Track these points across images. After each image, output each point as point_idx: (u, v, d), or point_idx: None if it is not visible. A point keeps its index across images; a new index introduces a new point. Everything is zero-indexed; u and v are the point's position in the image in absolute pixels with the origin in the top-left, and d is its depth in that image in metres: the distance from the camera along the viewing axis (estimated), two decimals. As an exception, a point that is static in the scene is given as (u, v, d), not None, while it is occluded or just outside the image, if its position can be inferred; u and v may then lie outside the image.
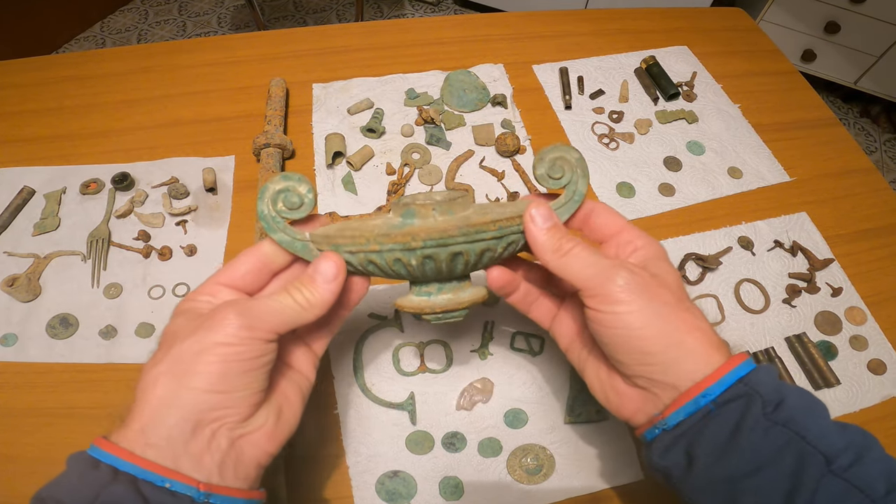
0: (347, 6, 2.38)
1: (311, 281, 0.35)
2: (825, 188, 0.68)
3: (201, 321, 0.32)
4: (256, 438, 0.33)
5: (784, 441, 0.31)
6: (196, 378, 0.30)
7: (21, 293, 0.54)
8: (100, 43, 2.18)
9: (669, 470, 0.34)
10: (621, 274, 0.34)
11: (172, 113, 0.71)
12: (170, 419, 0.30)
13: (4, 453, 0.46)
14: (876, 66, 1.90)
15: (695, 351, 0.33)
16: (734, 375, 0.32)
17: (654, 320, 0.33)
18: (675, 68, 0.80)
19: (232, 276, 0.36)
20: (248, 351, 0.31)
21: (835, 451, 0.30)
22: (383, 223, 0.36)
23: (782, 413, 0.31)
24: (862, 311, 0.57)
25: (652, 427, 0.35)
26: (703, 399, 0.32)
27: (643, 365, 0.34)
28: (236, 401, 0.32)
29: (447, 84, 0.74)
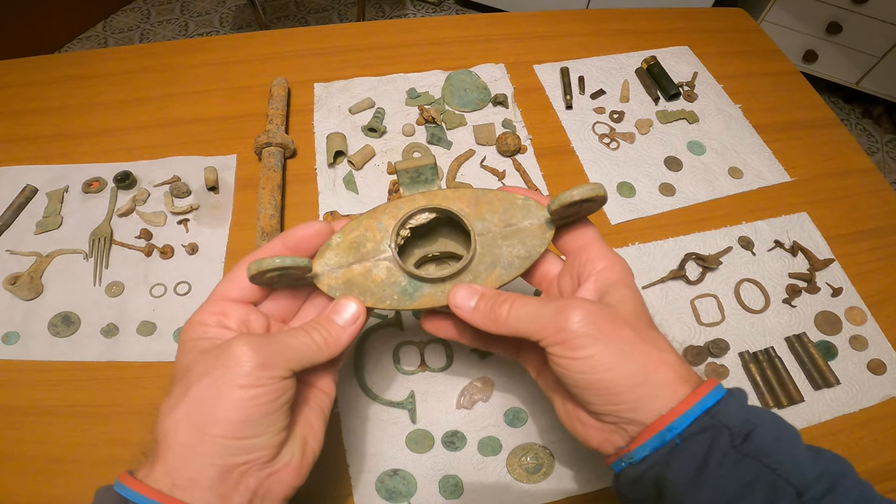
0: (349, 6, 2.38)
1: (330, 322, 0.35)
2: (826, 188, 0.68)
3: (215, 357, 0.31)
4: (284, 475, 0.33)
5: (754, 474, 0.30)
6: (217, 426, 0.29)
7: (23, 291, 0.54)
8: (102, 42, 2.18)
9: (640, 501, 0.34)
10: (573, 318, 0.32)
11: (174, 112, 0.71)
12: (195, 464, 0.29)
13: (6, 451, 0.47)
14: (878, 66, 1.90)
15: (662, 386, 0.32)
16: (700, 407, 0.31)
17: (617, 361, 0.32)
18: (676, 68, 0.80)
19: (233, 288, 0.35)
20: (266, 392, 0.30)
21: (807, 481, 0.29)
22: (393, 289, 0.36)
23: (752, 444, 0.30)
24: (862, 312, 0.57)
25: (618, 460, 0.34)
26: (669, 433, 0.31)
27: (611, 405, 0.33)
28: (261, 444, 0.31)
29: (448, 84, 0.74)
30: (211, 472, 0.29)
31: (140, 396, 0.50)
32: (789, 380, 0.52)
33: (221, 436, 0.29)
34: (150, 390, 0.50)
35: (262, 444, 0.31)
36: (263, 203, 0.58)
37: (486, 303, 0.35)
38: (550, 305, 0.33)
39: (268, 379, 0.30)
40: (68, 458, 0.46)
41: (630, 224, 0.63)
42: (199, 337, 0.34)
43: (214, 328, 0.34)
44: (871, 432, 0.50)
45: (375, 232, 0.37)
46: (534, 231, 0.37)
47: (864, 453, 0.49)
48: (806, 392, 0.52)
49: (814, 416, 0.51)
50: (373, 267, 0.37)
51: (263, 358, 0.30)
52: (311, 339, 0.33)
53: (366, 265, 0.36)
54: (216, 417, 0.29)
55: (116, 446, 0.47)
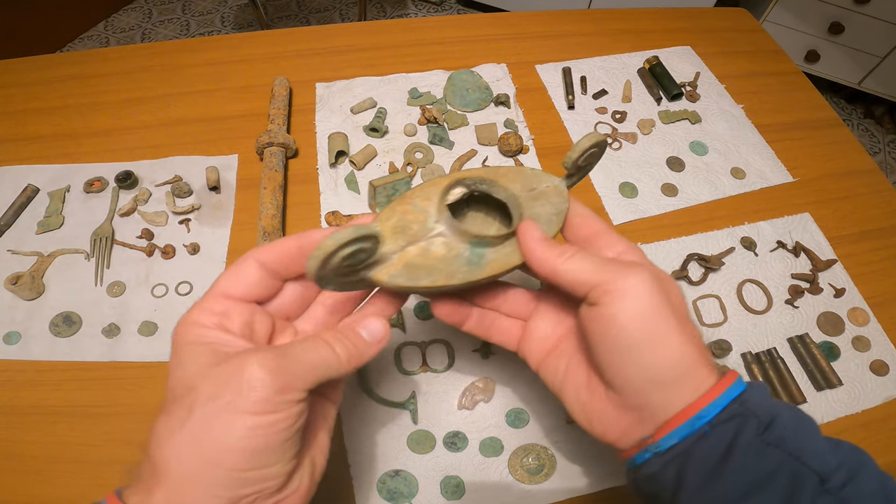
0: (350, 6, 2.38)
1: (356, 335, 0.32)
2: (828, 189, 0.68)
3: (226, 378, 0.27)
4: (292, 501, 0.30)
5: (777, 462, 0.29)
6: (226, 457, 0.26)
7: (25, 291, 0.54)
8: (104, 42, 2.18)
9: (658, 493, 0.32)
10: (637, 269, 0.32)
11: (176, 112, 0.71)
12: (197, 496, 0.26)
13: (7, 451, 0.47)
14: (880, 66, 1.90)
15: (696, 369, 0.31)
16: (729, 395, 0.31)
17: (666, 327, 0.31)
18: (678, 68, 0.80)
19: (238, 285, 0.32)
20: (282, 419, 0.27)
21: (829, 469, 0.29)
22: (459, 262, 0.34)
23: (774, 433, 0.30)
24: (864, 312, 0.57)
25: (642, 451, 0.32)
26: (699, 421, 0.30)
27: (647, 381, 0.31)
28: (271, 474, 0.28)
29: (450, 84, 0.74)
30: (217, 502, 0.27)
31: (141, 397, 0.50)
32: (792, 381, 0.52)
33: (230, 468, 0.27)
34: (152, 390, 0.50)
35: (273, 473, 0.28)
36: (265, 203, 0.58)
37: (552, 243, 0.34)
38: (612, 261, 0.33)
39: (285, 404, 0.28)
40: (69, 459, 0.46)
41: (632, 224, 0.63)
42: (195, 342, 0.30)
43: (214, 331, 0.30)
44: (873, 433, 0.50)
45: (415, 214, 0.35)
46: (554, 191, 0.37)
47: (867, 454, 0.49)
48: (808, 393, 0.52)
49: (816, 416, 0.51)
50: (429, 245, 0.34)
51: (281, 381, 0.27)
52: (333, 353, 0.31)
53: (420, 245, 0.34)
54: (226, 447, 0.26)
55: (118, 446, 0.47)
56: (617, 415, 0.33)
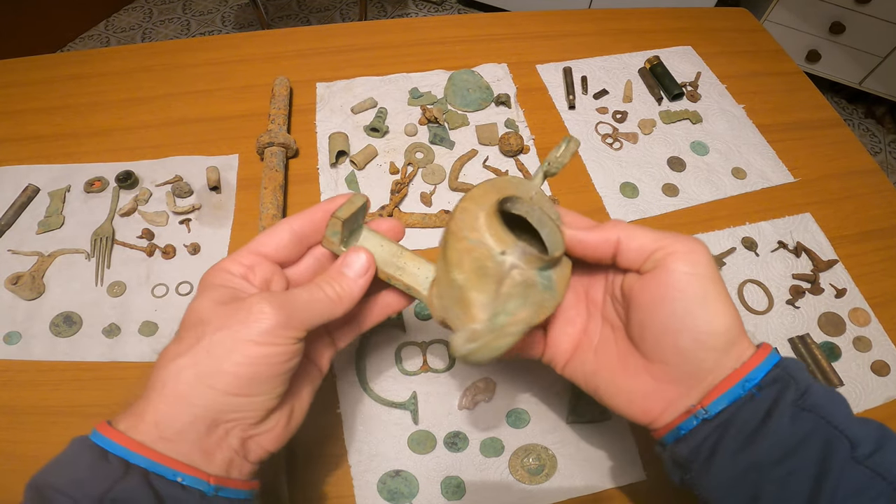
0: (351, 5, 2.38)
1: (339, 275, 0.34)
2: (829, 189, 0.68)
3: (234, 310, 0.31)
4: (264, 439, 0.33)
5: (811, 427, 0.30)
6: (221, 378, 0.29)
7: (25, 291, 0.54)
8: (104, 41, 2.18)
9: (691, 465, 0.33)
10: (685, 241, 0.33)
11: (176, 112, 0.71)
12: (186, 416, 0.29)
13: (7, 451, 0.46)
14: (881, 66, 1.90)
15: (741, 335, 0.33)
16: (772, 360, 0.32)
17: (720, 292, 0.33)
18: (679, 68, 0.80)
19: (268, 245, 0.35)
20: (279, 353, 0.30)
21: (858, 437, 0.30)
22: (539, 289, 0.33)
23: (810, 399, 0.31)
24: (866, 313, 0.57)
25: (690, 418, 0.33)
26: (748, 383, 0.31)
27: (701, 347, 0.32)
28: (256, 405, 0.31)
29: (451, 83, 0.74)
30: (200, 426, 0.29)
31: (142, 396, 0.49)
32: (793, 381, 0.52)
33: (223, 389, 0.29)
34: (152, 390, 0.50)
35: (258, 404, 0.31)
36: (265, 203, 0.58)
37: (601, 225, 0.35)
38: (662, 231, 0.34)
39: (284, 339, 0.30)
40: (70, 459, 0.46)
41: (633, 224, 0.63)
42: (220, 283, 0.33)
43: (238, 279, 0.34)
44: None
45: (479, 250, 0.33)
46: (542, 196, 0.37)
47: (868, 455, 0.49)
48: (809, 393, 0.52)
49: (817, 417, 0.51)
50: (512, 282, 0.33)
51: (283, 317, 0.30)
52: (324, 295, 0.33)
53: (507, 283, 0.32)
54: (223, 370, 0.29)
55: (118, 446, 0.47)
56: (661, 389, 0.34)
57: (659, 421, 0.35)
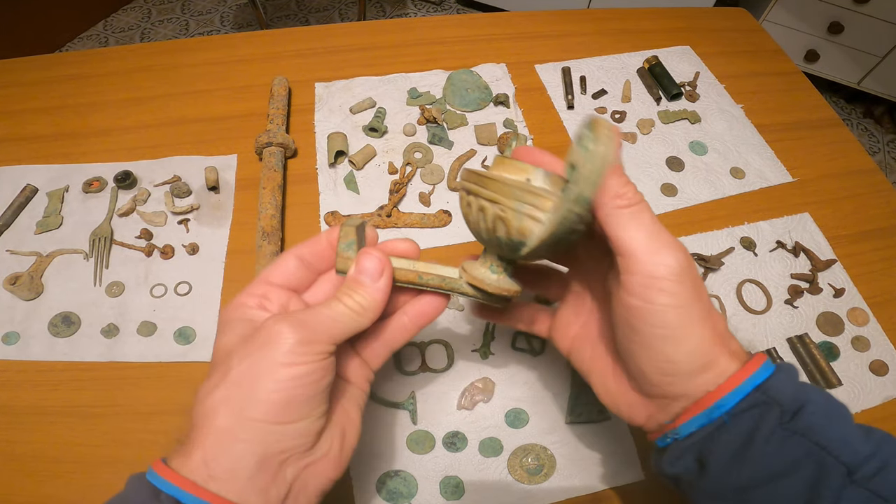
0: (350, 5, 2.38)
1: (358, 284, 0.33)
2: (828, 189, 0.68)
3: (254, 338, 0.30)
4: (322, 467, 0.32)
5: (802, 452, 0.29)
6: (258, 408, 0.29)
7: (23, 291, 0.54)
8: (103, 41, 2.18)
9: (680, 476, 0.33)
10: (675, 256, 0.30)
11: (175, 112, 0.71)
12: (234, 452, 0.28)
13: (6, 451, 0.46)
14: (879, 66, 1.90)
15: (716, 362, 0.31)
16: (751, 384, 0.30)
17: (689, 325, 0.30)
18: (677, 68, 0.80)
19: (276, 274, 0.35)
20: (310, 371, 0.30)
21: (858, 459, 0.28)
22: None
23: (801, 422, 0.29)
24: (864, 312, 0.57)
25: (662, 436, 0.33)
26: (717, 411, 0.30)
27: (665, 375, 0.31)
28: (302, 430, 0.30)
29: (449, 83, 0.74)
30: (250, 461, 0.29)
31: (140, 397, 0.49)
32: (791, 381, 0.52)
33: (262, 419, 0.29)
34: (151, 391, 0.50)
35: (303, 429, 0.30)
36: (264, 203, 0.58)
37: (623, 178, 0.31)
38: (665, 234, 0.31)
39: (311, 355, 0.30)
40: (68, 459, 0.46)
41: (631, 224, 0.63)
42: (238, 318, 0.33)
43: (255, 310, 0.33)
44: (873, 434, 0.50)
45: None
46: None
47: (867, 455, 0.49)
48: (808, 393, 0.52)
49: (816, 417, 0.51)
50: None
51: (304, 334, 0.30)
52: (344, 307, 0.32)
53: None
54: (258, 399, 0.29)
55: (117, 447, 0.47)
56: (641, 401, 0.34)
57: (644, 427, 0.35)
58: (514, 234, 0.32)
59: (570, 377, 0.51)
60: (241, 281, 0.56)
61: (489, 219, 0.32)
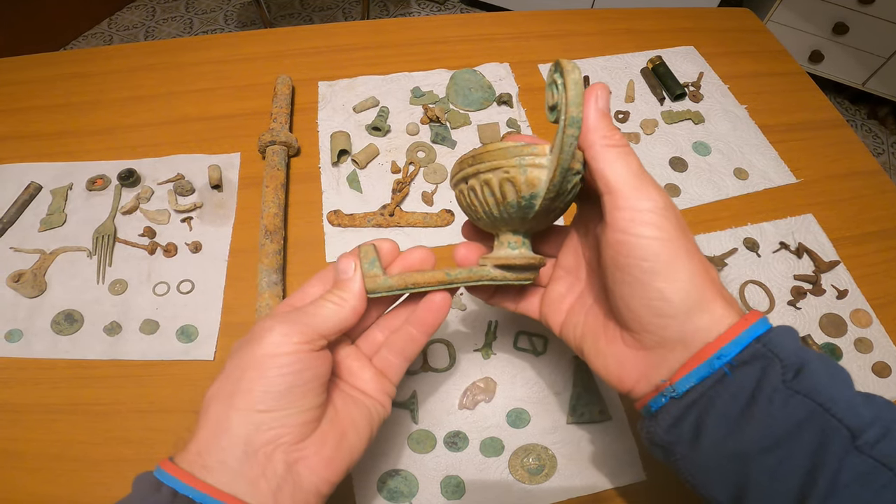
0: (353, 4, 2.38)
1: (338, 281, 0.35)
2: (831, 190, 0.67)
3: (248, 336, 0.32)
4: (314, 464, 0.32)
5: (805, 413, 0.28)
6: (242, 397, 0.30)
7: (27, 289, 0.54)
8: (107, 40, 2.19)
9: (673, 446, 0.31)
10: (659, 194, 0.31)
11: (178, 110, 0.71)
12: (222, 442, 0.29)
13: (9, 449, 0.47)
14: (884, 67, 1.90)
15: (712, 304, 0.30)
16: (751, 334, 0.29)
17: (678, 259, 0.30)
18: (681, 68, 0.80)
19: (304, 298, 0.36)
20: (295, 361, 0.30)
21: (861, 424, 0.27)
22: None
23: (804, 381, 0.28)
24: (867, 314, 0.57)
25: (658, 395, 0.31)
26: (718, 361, 0.29)
27: (659, 316, 0.31)
28: (286, 419, 0.30)
29: (453, 83, 0.74)
30: (237, 450, 0.29)
31: (142, 395, 0.50)
32: (794, 382, 0.52)
33: (247, 408, 0.30)
34: (153, 389, 0.50)
35: (287, 418, 0.30)
36: (267, 201, 0.58)
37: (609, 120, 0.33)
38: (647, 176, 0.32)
39: (295, 346, 0.31)
40: (70, 457, 0.46)
41: (634, 225, 0.62)
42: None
43: None
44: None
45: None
46: None
47: (869, 457, 0.49)
48: (810, 395, 0.52)
49: (818, 419, 0.51)
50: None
51: (290, 326, 0.31)
52: (329, 303, 0.33)
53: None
54: (242, 389, 0.30)
55: (118, 445, 0.47)
56: (635, 357, 0.33)
57: (635, 391, 0.34)
58: (523, 190, 0.33)
59: (572, 377, 0.51)
60: (243, 279, 0.56)
61: (496, 188, 0.33)
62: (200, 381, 0.50)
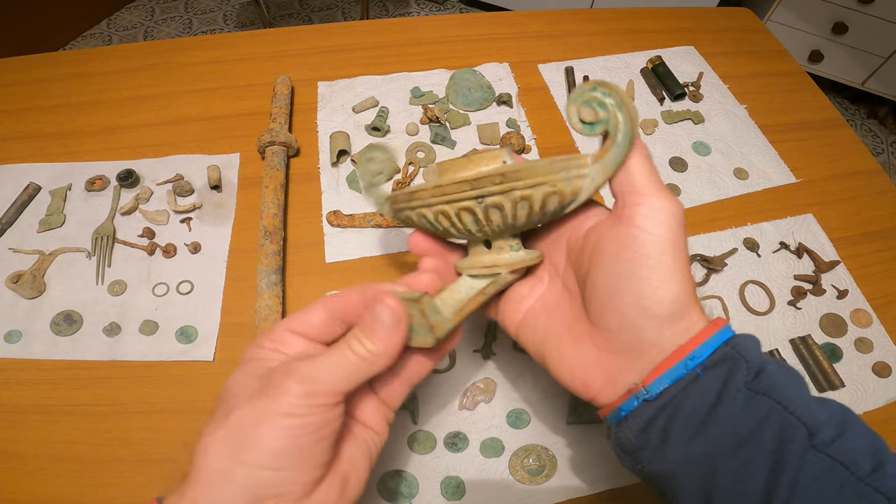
0: (353, 4, 2.38)
1: (371, 330, 0.31)
2: (831, 190, 0.67)
3: (262, 384, 0.29)
4: None
5: (765, 412, 0.29)
6: (252, 453, 0.28)
7: (26, 290, 0.54)
8: (106, 40, 2.18)
9: (641, 452, 0.31)
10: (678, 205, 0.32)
11: (178, 110, 0.71)
12: (224, 494, 0.28)
13: (8, 450, 0.46)
14: (883, 67, 1.90)
15: (690, 307, 0.31)
16: (720, 338, 0.30)
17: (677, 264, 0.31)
18: (681, 68, 0.80)
19: (303, 323, 0.34)
20: (312, 422, 0.28)
21: (817, 423, 0.28)
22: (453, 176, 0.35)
23: (764, 380, 0.29)
24: (867, 314, 0.57)
25: (630, 398, 0.31)
26: (692, 362, 0.30)
27: (644, 317, 0.31)
28: (295, 477, 0.29)
29: (452, 83, 0.74)
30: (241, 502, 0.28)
31: (142, 396, 0.49)
32: (794, 382, 0.52)
33: (256, 464, 0.28)
34: (152, 390, 0.50)
35: (296, 476, 0.29)
36: (266, 202, 0.58)
37: None
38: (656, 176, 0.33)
39: (313, 408, 0.29)
40: (69, 457, 0.46)
41: (634, 225, 0.62)
42: (252, 357, 0.33)
43: (269, 351, 0.33)
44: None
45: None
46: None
47: (870, 457, 0.49)
48: (811, 395, 0.52)
49: (818, 419, 0.51)
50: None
51: (309, 386, 0.29)
52: (353, 355, 0.31)
53: None
54: (253, 444, 0.28)
55: (118, 446, 0.47)
56: (604, 360, 0.33)
57: (601, 397, 0.33)
58: (567, 198, 0.34)
59: (572, 378, 0.51)
60: (243, 280, 0.56)
61: (538, 202, 0.34)
62: (200, 382, 0.50)
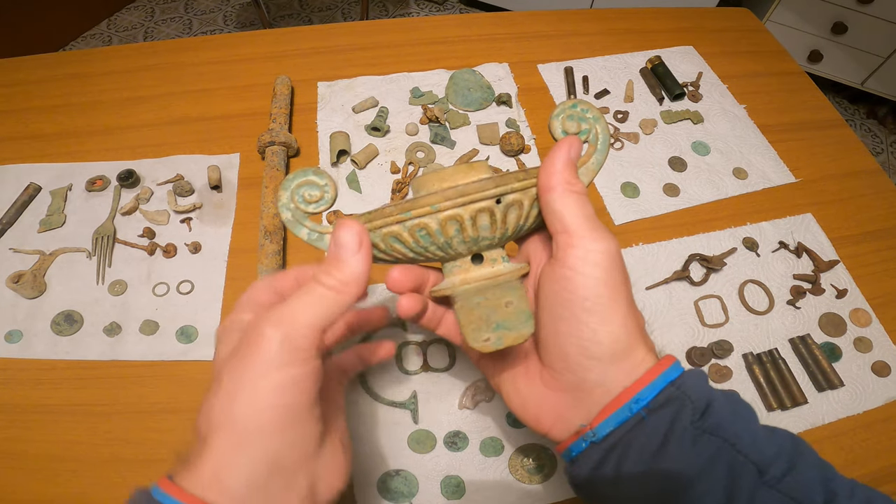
0: (353, 4, 2.38)
1: (335, 259, 0.30)
2: (831, 189, 0.67)
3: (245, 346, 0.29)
4: (329, 476, 0.31)
5: (714, 450, 0.29)
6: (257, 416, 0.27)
7: (26, 290, 0.54)
8: (106, 40, 2.18)
9: (596, 486, 0.31)
10: (612, 242, 0.32)
11: (178, 110, 0.71)
12: (243, 461, 0.27)
13: (8, 449, 0.47)
14: (883, 67, 1.90)
15: (635, 351, 0.31)
16: (665, 378, 0.30)
17: (616, 303, 0.31)
18: (680, 68, 0.80)
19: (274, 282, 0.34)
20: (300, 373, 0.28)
21: (766, 459, 0.28)
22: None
23: (710, 419, 0.29)
24: (867, 313, 0.57)
25: (579, 440, 0.31)
26: (636, 405, 0.30)
27: (587, 357, 0.31)
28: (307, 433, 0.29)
29: (452, 83, 0.74)
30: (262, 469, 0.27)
31: (142, 396, 0.50)
32: (793, 381, 0.52)
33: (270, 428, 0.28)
34: (153, 389, 0.50)
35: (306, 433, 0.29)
36: (266, 202, 0.58)
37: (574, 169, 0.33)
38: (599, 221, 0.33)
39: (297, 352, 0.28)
40: (70, 457, 0.46)
41: (634, 224, 0.63)
42: (228, 328, 0.32)
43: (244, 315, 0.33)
44: (874, 434, 0.50)
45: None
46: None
47: (868, 455, 0.49)
48: (809, 394, 0.52)
49: (817, 417, 0.51)
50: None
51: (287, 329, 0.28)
52: (325, 289, 0.30)
53: None
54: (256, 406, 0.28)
55: (118, 445, 0.47)
56: (553, 398, 0.33)
57: (553, 433, 0.34)
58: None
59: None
60: (243, 279, 0.56)
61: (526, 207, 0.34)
62: (200, 382, 0.50)
